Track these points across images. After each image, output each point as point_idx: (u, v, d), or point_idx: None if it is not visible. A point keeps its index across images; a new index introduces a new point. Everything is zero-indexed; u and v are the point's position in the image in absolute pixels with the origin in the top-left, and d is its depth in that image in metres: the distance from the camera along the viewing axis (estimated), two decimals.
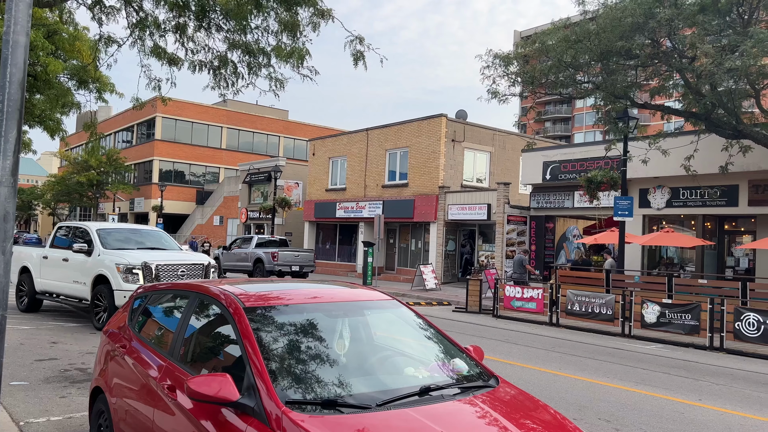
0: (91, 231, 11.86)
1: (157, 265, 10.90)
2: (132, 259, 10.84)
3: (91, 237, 11.69)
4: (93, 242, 11.54)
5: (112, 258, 10.95)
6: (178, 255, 11.80)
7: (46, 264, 12.63)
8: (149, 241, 12.56)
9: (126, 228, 12.95)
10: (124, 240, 12.03)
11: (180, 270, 11.10)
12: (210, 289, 3.93)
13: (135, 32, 10.03)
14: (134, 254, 11.17)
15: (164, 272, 10.94)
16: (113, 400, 4.25)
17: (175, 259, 11.30)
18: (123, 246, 11.73)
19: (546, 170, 22.21)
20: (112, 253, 11.19)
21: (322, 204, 32.77)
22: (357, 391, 3.06)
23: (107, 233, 11.92)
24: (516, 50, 16.57)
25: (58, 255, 12.29)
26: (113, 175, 49.97)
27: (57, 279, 12.25)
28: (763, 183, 16.64)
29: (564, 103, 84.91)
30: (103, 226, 12.43)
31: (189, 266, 11.30)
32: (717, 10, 13.17)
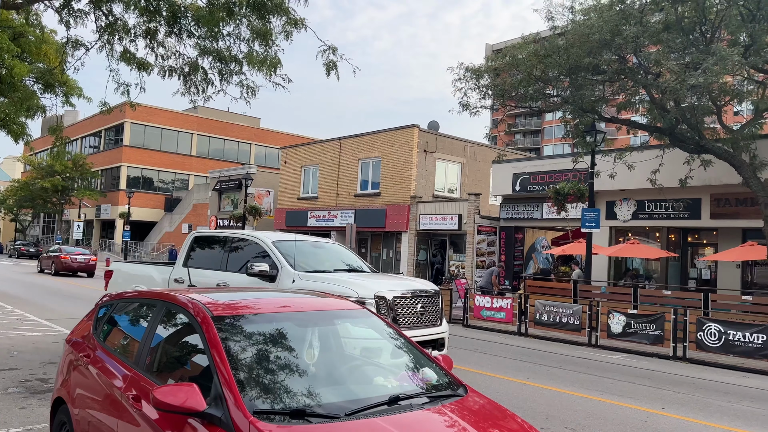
0: (266, 244, 8.42)
1: (394, 297, 7.44)
2: (360, 290, 7.24)
3: (270, 254, 8.25)
4: (276, 262, 8.11)
5: (321, 287, 7.27)
6: (403, 282, 8.42)
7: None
8: (338, 258, 9.16)
9: (305, 240, 9.17)
10: (312, 258, 8.69)
11: (419, 305, 7.64)
12: (177, 297, 3.88)
13: (104, 36, 9.89)
14: (346, 280, 7.66)
15: (402, 307, 7.48)
16: (76, 411, 4.15)
17: (407, 288, 7.83)
18: (316, 267, 8.39)
19: (516, 182, 22.50)
20: (313, 278, 7.75)
21: (293, 212, 32.61)
22: (326, 400, 3.05)
23: (288, 248, 8.52)
24: (487, 63, 16.81)
25: (209, 280, 8.64)
26: (79, 180, 48.99)
27: None
28: (724, 197, 17.13)
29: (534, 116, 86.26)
30: (277, 237, 8.89)
31: (425, 298, 7.80)
32: (681, 29, 13.58)
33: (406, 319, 7.42)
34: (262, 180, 36.83)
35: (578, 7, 14.96)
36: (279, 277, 7.94)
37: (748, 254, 15.09)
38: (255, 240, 8.73)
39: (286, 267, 8.03)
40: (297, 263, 8.19)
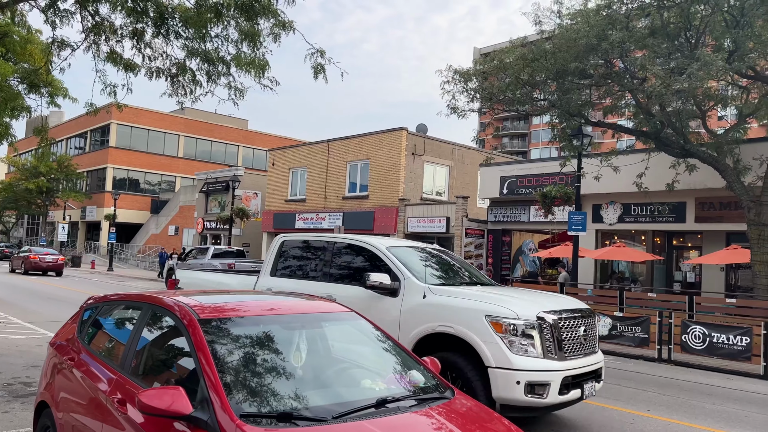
0: (380, 251, 7.09)
1: (559, 318, 6.01)
2: (518, 309, 5.87)
3: (388, 262, 6.92)
4: (397, 273, 6.75)
5: (463, 305, 6.07)
6: (554, 299, 6.80)
7: None
8: (456, 267, 7.80)
9: (415, 247, 7.84)
10: (430, 268, 7.27)
11: (581, 327, 6.25)
12: (164, 300, 3.86)
13: (90, 37, 9.81)
14: (495, 297, 6.28)
15: (566, 330, 6.04)
16: (59, 414, 4.11)
17: (565, 307, 6.34)
18: (444, 281, 7.02)
19: (503, 185, 22.61)
20: (449, 293, 6.41)
21: (281, 215, 32.51)
22: (313, 403, 3.05)
23: (406, 255, 7.18)
24: (475, 67, 16.88)
25: (300, 288, 7.22)
26: (64, 182, 48.52)
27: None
28: (708, 201, 17.33)
29: (521, 120, 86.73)
30: (391, 242, 7.59)
31: (586, 318, 6.40)
32: (666, 34, 13.72)
33: (571, 345, 6.00)
34: (250, 182, 36.69)
35: (565, 11, 15.08)
36: (402, 290, 6.57)
37: (732, 257, 15.26)
38: (364, 246, 7.27)
39: (412, 279, 6.62)
40: (421, 274, 6.79)
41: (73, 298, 18.79)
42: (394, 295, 6.65)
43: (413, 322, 6.35)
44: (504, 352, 5.63)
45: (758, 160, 14.41)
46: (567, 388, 5.74)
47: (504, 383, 5.56)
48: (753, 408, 8.57)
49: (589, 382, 6.11)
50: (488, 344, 5.70)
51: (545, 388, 5.58)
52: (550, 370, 5.65)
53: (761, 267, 13.53)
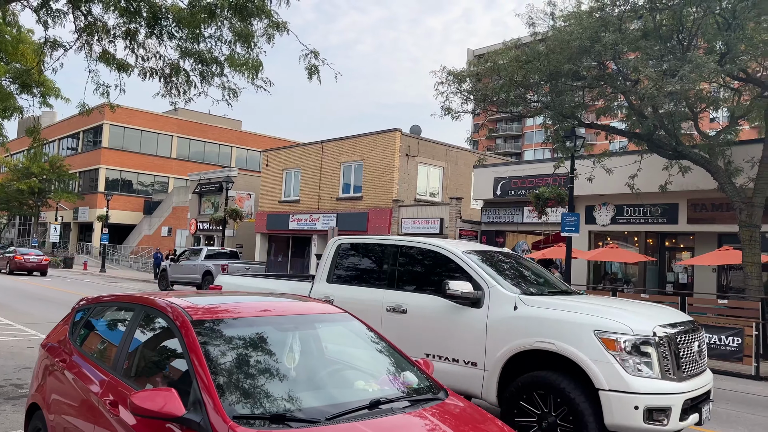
0: (456, 256, 6.29)
1: (674, 334, 5.29)
2: (633, 323, 5.14)
3: (467, 269, 6.11)
4: (479, 280, 5.96)
5: (562, 316, 5.34)
6: (660, 311, 5.96)
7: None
8: (536, 274, 7.00)
9: (494, 251, 7.04)
10: (518, 275, 6.57)
11: (695, 342, 5.56)
12: (156, 301, 3.84)
13: (83, 37, 9.77)
14: (600, 308, 5.47)
15: (684, 347, 5.35)
16: (51, 416, 4.08)
17: (676, 320, 5.63)
18: (533, 289, 6.32)
19: (497, 186, 22.66)
20: (544, 304, 5.66)
21: (274, 216, 32.45)
22: (306, 405, 3.04)
23: (484, 260, 6.39)
24: (469, 68, 16.91)
25: (374, 302, 6.62)
26: (56, 183, 48.26)
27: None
28: (700, 202, 17.42)
29: (515, 121, 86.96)
30: (466, 246, 6.80)
31: (697, 332, 5.71)
32: (659, 36, 13.80)
33: (687, 363, 5.28)
34: (243, 183, 36.62)
35: (559, 13, 15.13)
36: (487, 300, 5.79)
37: (724, 258, 15.35)
38: (437, 249, 6.47)
39: (497, 288, 5.83)
40: (507, 282, 6.00)
41: (64, 300, 18.69)
42: (477, 305, 5.83)
43: (503, 337, 5.55)
44: (618, 372, 4.90)
45: (749, 162, 14.50)
46: (686, 413, 5.08)
47: (619, 408, 4.84)
48: (745, 408, 8.62)
49: (706, 405, 5.38)
50: (599, 363, 4.96)
51: (666, 414, 4.90)
52: (671, 393, 4.96)
53: (753, 268, 13.61)
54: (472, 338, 5.78)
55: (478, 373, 5.73)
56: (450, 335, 5.96)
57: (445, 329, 6.01)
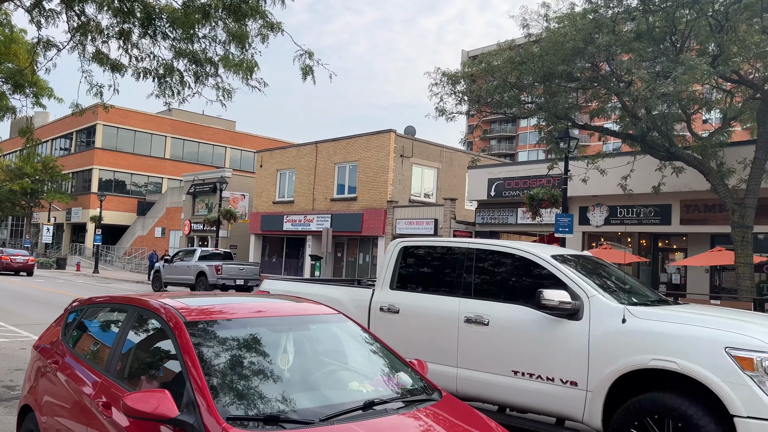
0: (547, 261, 5.65)
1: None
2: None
3: (560, 276, 5.49)
4: (576, 288, 5.32)
5: (683, 331, 4.72)
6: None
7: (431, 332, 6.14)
8: (632, 281, 6.55)
9: (582, 256, 6.40)
10: (617, 283, 6.03)
11: None
12: (150, 302, 3.83)
13: (76, 37, 9.73)
14: (720, 321, 4.86)
15: None
16: (43, 418, 4.06)
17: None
18: (637, 299, 5.70)
19: (491, 187, 22.70)
20: (658, 315, 5.01)
21: (268, 216, 32.40)
22: (300, 406, 3.04)
23: (577, 265, 5.82)
24: (463, 69, 16.94)
25: (447, 311, 5.97)
26: (49, 183, 48.01)
27: (480, 367, 5.69)
28: (693, 203, 17.51)
29: (509, 122, 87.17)
30: (554, 250, 6.13)
31: None
32: (652, 38, 13.86)
33: None
34: (237, 184, 36.55)
35: (552, 15, 15.19)
36: (587, 312, 5.14)
37: (716, 259, 15.43)
38: (521, 254, 5.80)
39: (599, 298, 5.18)
40: (610, 291, 5.40)
41: (57, 301, 18.59)
42: (575, 317, 5.19)
43: (610, 354, 4.90)
44: (758, 396, 4.26)
45: (742, 163, 14.58)
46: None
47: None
48: None
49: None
50: (734, 386, 4.32)
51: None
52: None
53: (745, 269, 13.68)
54: (571, 354, 5.12)
55: (578, 394, 5.02)
56: (543, 351, 5.27)
57: (537, 344, 5.32)
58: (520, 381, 5.35)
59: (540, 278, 5.57)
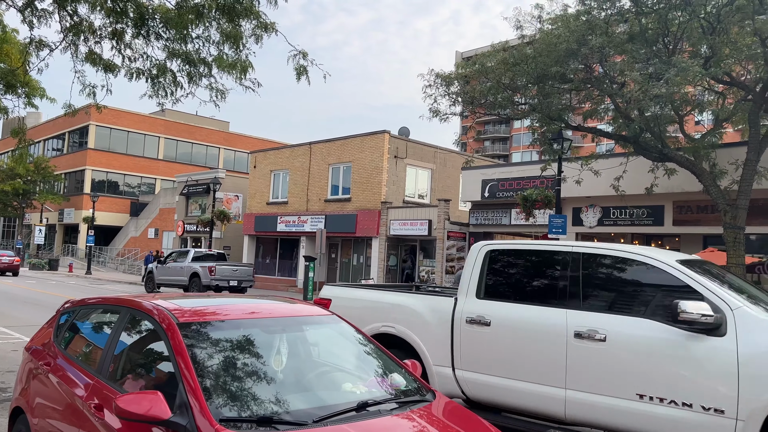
0: (671, 266, 5.02)
1: None
2: None
3: (694, 285, 4.84)
4: (714, 300, 4.70)
5: None
6: None
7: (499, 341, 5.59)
8: (752, 287, 5.67)
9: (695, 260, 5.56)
10: (744, 291, 5.17)
11: None
12: (142, 304, 3.81)
13: (69, 37, 9.68)
14: None
15: None
16: (35, 420, 4.04)
17: None
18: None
19: (485, 188, 22.73)
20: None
21: (262, 217, 32.33)
22: (294, 407, 3.04)
23: (706, 272, 5.17)
24: (457, 71, 16.96)
25: (551, 326, 5.27)
26: (41, 184, 47.75)
27: (595, 389, 5.00)
28: (686, 204, 17.59)
29: (502, 124, 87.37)
30: (677, 254, 5.57)
31: None
32: (645, 40, 13.93)
33: None
34: (231, 184, 36.46)
35: (546, 16, 15.23)
36: (732, 326, 4.50)
37: (709, 260, 15.49)
38: (643, 259, 5.13)
39: (745, 310, 4.56)
40: (756, 301, 4.86)
41: (49, 302, 18.49)
42: (717, 333, 4.51)
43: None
44: None
45: (734, 164, 14.66)
46: None
47: None
48: None
49: None
50: None
51: None
52: None
53: (737, 269, 13.75)
54: (714, 377, 4.45)
55: (726, 423, 4.34)
56: (677, 372, 4.60)
57: (669, 363, 4.64)
58: (648, 406, 4.64)
59: (667, 287, 4.91)
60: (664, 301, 4.76)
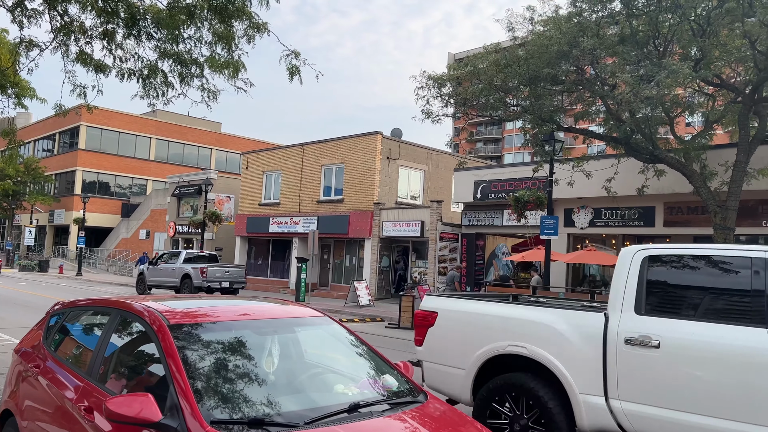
0: None
1: None
2: None
3: None
4: None
5: None
6: None
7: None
8: None
9: None
10: None
11: None
12: (133, 305, 3.79)
13: (59, 37, 9.62)
14: None
15: None
16: (24, 423, 4.01)
17: None
18: None
19: (477, 189, 22.78)
20: None
21: (254, 218, 32.25)
22: (285, 409, 3.03)
23: None
24: (449, 72, 17.00)
25: (731, 339, 4.35)
26: (32, 185, 47.40)
27: None
28: (676, 205, 17.70)
29: (494, 125, 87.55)
30: None
31: None
32: (635, 42, 14.01)
33: None
34: (223, 185, 36.34)
35: (538, 18, 15.29)
36: None
37: None
38: None
39: None
40: None
41: (39, 304, 18.35)
42: None
43: None
44: None
45: (723, 165, 14.77)
46: None
47: None
48: None
49: None
50: None
51: None
52: None
53: None
54: None
55: None
56: None
57: None
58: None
59: None
60: None
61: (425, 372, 6.03)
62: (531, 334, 5.25)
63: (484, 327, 5.59)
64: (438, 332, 5.94)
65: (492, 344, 5.43)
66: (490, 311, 5.68)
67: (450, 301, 6.06)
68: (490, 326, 5.54)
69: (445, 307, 5.95)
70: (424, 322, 6.06)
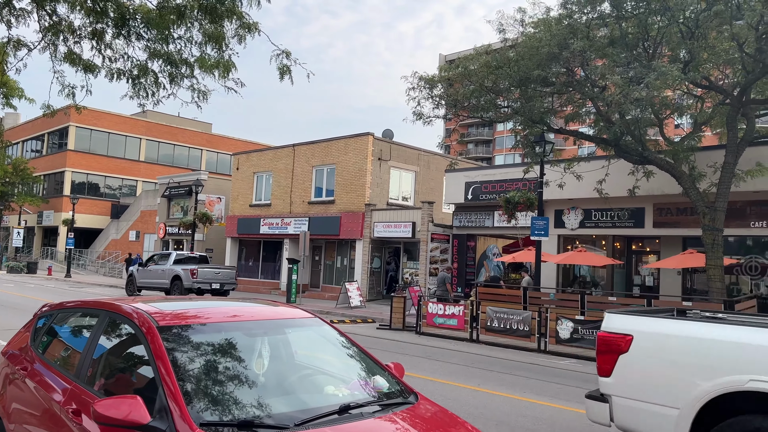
0: None
1: None
2: None
3: None
4: None
5: None
6: None
7: None
8: None
9: None
10: None
11: None
12: (122, 307, 3.76)
13: (48, 37, 9.55)
14: None
15: None
16: (11, 426, 3.97)
17: None
18: None
19: (468, 190, 22.82)
20: None
21: (245, 220, 32.15)
22: (275, 411, 3.02)
23: None
24: (440, 74, 17.04)
25: None
26: (20, 186, 47.01)
27: None
28: (666, 206, 17.82)
29: (485, 126, 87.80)
30: None
31: None
32: (625, 44, 14.10)
33: None
34: (214, 186, 36.20)
35: (528, 20, 15.36)
36: None
37: (688, 262, 15.70)
38: None
39: None
40: None
41: (27, 306, 18.19)
42: None
43: None
44: None
45: (712, 167, 14.88)
46: None
47: None
48: None
49: None
50: None
51: None
52: None
53: (715, 271, 13.95)
54: None
55: None
56: None
57: None
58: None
59: None
60: None
61: (615, 409, 4.89)
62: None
63: (707, 355, 4.45)
64: (635, 360, 4.78)
65: (722, 378, 4.27)
66: (717, 335, 4.50)
67: (648, 320, 4.90)
68: (718, 355, 4.40)
69: (643, 329, 4.81)
70: (613, 348, 4.90)
